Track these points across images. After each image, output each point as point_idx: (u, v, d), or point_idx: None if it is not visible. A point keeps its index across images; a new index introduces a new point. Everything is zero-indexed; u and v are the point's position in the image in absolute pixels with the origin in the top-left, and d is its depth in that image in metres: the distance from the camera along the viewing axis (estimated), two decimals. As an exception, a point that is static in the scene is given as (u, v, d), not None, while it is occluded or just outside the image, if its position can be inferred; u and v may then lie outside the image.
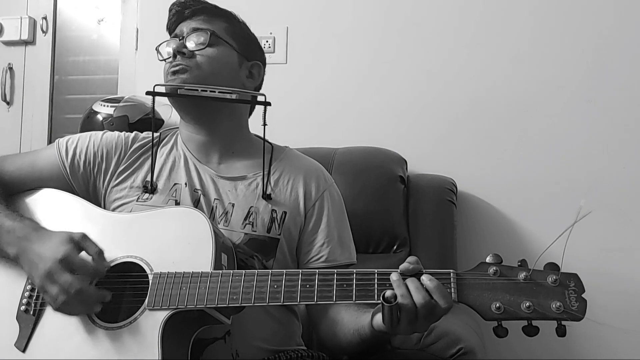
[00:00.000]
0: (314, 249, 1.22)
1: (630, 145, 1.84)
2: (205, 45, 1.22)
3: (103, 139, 1.26)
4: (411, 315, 0.90)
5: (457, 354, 1.25)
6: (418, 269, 0.93)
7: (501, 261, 0.92)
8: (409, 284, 0.91)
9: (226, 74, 1.24)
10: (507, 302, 0.89)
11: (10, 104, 2.40)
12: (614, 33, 1.87)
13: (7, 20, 2.39)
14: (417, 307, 0.89)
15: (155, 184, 1.20)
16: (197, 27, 1.24)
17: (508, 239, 1.87)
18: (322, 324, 1.19)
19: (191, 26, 1.24)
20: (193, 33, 1.23)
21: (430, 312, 0.90)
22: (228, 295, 0.96)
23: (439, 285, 0.90)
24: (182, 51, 1.20)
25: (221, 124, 1.25)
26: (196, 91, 1.18)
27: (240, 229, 1.16)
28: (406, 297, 0.90)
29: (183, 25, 1.26)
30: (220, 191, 1.20)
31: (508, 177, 1.90)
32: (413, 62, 1.99)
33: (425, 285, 0.91)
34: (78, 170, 1.23)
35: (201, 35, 1.23)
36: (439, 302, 0.90)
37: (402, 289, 0.91)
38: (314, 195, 1.24)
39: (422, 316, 0.90)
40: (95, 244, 1.04)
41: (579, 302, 0.88)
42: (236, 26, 1.30)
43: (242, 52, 1.28)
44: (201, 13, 1.26)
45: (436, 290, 0.90)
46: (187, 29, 1.24)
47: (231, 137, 1.27)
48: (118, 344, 0.98)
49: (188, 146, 1.27)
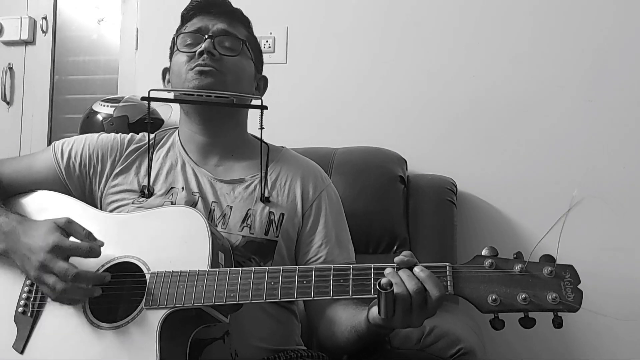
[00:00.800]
0: (312, 249, 1.22)
1: (630, 145, 1.83)
2: (237, 53, 1.22)
3: (98, 141, 1.26)
4: (406, 304, 0.91)
5: (457, 354, 1.25)
6: (412, 262, 0.94)
7: (497, 254, 0.93)
8: (401, 273, 0.92)
9: (246, 84, 1.25)
10: (503, 294, 0.89)
11: (10, 104, 2.40)
12: (614, 33, 1.87)
13: (7, 20, 2.39)
14: (411, 295, 0.90)
15: (152, 187, 1.20)
16: (227, 31, 1.23)
17: (508, 239, 1.87)
18: (320, 324, 1.19)
19: (218, 26, 1.23)
20: (224, 36, 1.22)
21: (423, 301, 0.91)
22: (225, 293, 0.96)
23: (430, 275, 0.91)
24: (212, 52, 1.18)
25: (225, 127, 1.25)
26: (192, 96, 1.18)
27: (238, 232, 1.16)
28: (400, 285, 0.91)
29: (207, 20, 1.23)
30: (218, 194, 1.20)
31: (508, 177, 1.89)
32: (413, 62, 1.99)
33: (417, 274, 0.92)
34: (74, 172, 1.23)
35: (234, 42, 1.22)
36: (430, 291, 0.90)
37: (396, 278, 0.92)
38: (312, 196, 1.24)
39: (416, 305, 0.91)
40: (81, 226, 1.04)
41: (575, 292, 0.88)
42: (253, 36, 1.30)
43: (257, 63, 1.29)
44: (228, 16, 1.25)
45: (428, 279, 0.91)
46: (214, 27, 1.22)
47: (233, 139, 1.27)
48: (116, 343, 0.98)
49: (187, 148, 1.26)
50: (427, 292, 0.90)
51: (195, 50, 1.20)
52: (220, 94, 1.17)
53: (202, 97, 1.17)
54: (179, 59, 1.22)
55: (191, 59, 1.20)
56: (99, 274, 1.02)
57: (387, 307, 0.91)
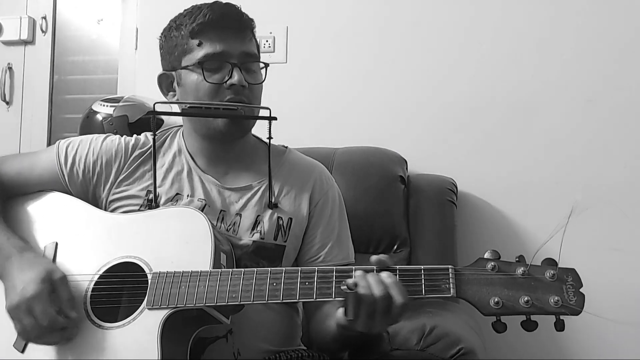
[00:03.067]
0: (313, 249, 1.22)
1: (630, 145, 1.84)
2: (263, 79, 1.20)
3: (103, 146, 1.23)
4: (370, 307, 0.91)
5: (457, 354, 1.25)
6: (388, 264, 0.95)
7: (499, 257, 0.93)
8: (369, 277, 0.93)
9: (261, 101, 1.23)
10: (505, 297, 0.89)
11: (10, 104, 2.40)
12: (614, 33, 1.87)
13: (7, 20, 2.39)
14: (376, 300, 0.91)
15: (158, 194, 1.18)
16: (249, 54, 1.18)
17: (508, 239, 1.87)
18: (310, 322, 1.20)
19: (242, 50, 1.16)
20: (250, 63, 1.17)
21: (387, 307, 0.91)
22: (227, 294, 0.96)
23: (396, 281, 0.92)
24: (243, 85, 1.14)
25: (238, 140, 1.23)
26: (200, 109, 1.16)
27: (249, 237, 1.16)
28: (366, 288, 0.91)
29: (226, 41, 1.15)
30: (226, 202, 1.19)
31: (508, 177, 1.90)
32: (413, 62, 1.99)
33: (384, 280, 0.92)
34: (77, 178, 1.21)
35: (259, 70, 1.20)
36: (395, 297, 0.91)
37: (364, 281, 0.92)
38: (316, 197, 1.24)
39: (380, 310, 0.91)
40: (69, 290, 1.03)
41: (577, 296, 0.88)
42: (258, 46, 1.25)
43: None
44: (244, 30, 1.19)
45: (394, 286, 0.91)
46: (238, 52, 1.15)
47: (240, 147, 1.24)
48: (117, 343, 0.98)
49: (194, 156, 1.24)
50: (392, 298, 0.91)
51: (225, 81, 1.14)
52: (228, 106, 1.15)
53: (211, 109, 1.15)
54: (202, 86, 1.15)
55: (218, 88, 1.14)
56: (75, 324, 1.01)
57: (350, 309, 0.93)
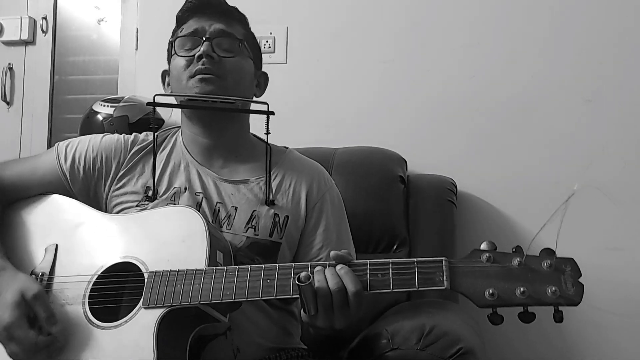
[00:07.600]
0: (312, 251, 1.22)
1: (630, 145, 1.83)
2: (235, 54, 1.20)
3: (102, 142, 1.25)
4: (327, 301, 0.92)
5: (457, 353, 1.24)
6: (347, 259, 0.95)
7: (495, 248, 0.91)
8: (326, 271, 0.94)
9: (247, 84, 1.24)
10: (500, 288, 0.87)
11: (10, 104, 2.40)
12: (614, 33, 1.86)
13: (7, 20, 2.38)
14: (331, 293, 0.92)
15: (156, 189, 1.19)
16: (224, 31, 1.20)
17: (508, 239, 1.85)
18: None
19: (215, 27, 1.20)
20: (222, 37, 1.20)
21: (344, 301, 0.92)
22: (222, 291, 0.97)
23: (349, 271, 0.93)
24: (211, 55, 1.17)
25: (227, 129, 1.24)
26: (197, 101, 1.17)
27: (243, 233, 1.16)
28: (322, 281, 0.92)
29: (203, 21, 1.21)
30: (222, 194, 1.19)
31: (508, 177, 1.89)
32: (413, 61, 1.99)
33: (338, 271, 0.93)
34: (78, 175, 1.22)
35: (231, 42, 1.21)
36: (347, 286, 0.91)
37: (320, 276, 0.93)
38: (315, 198, 1.24)
39: (337, 304, 0.92)
40: (47, 306, 1.01)
41: (576, 286, 0.86)
42: (250, 33, 1.28)
43: (255, 60, 1.28)
44: (225, 16, 1.23)
45: (345, 275, 0.93)
46: (211, 29, 1.20)
47: (236, 141, 1.26)
48: (114, 343, 0.99)
49: (190, 149, 1.25)
50: (346, 289, 0.91)
51: (194, 54, 1.18)
52: (226, 99, 1.16)
53: (208, 102, 1.16)
54: (178, 63, 1.21)
55: (190, 63, 1.18)
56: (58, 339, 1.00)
57: (305, 302, 0.93)
